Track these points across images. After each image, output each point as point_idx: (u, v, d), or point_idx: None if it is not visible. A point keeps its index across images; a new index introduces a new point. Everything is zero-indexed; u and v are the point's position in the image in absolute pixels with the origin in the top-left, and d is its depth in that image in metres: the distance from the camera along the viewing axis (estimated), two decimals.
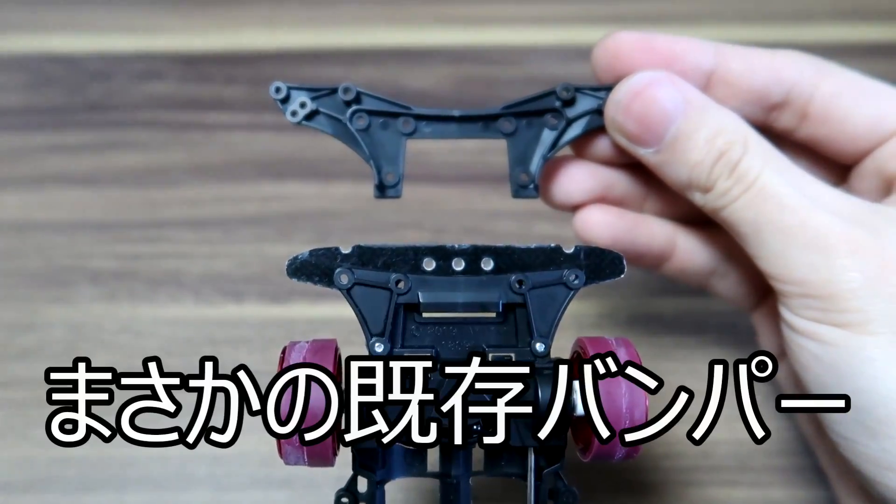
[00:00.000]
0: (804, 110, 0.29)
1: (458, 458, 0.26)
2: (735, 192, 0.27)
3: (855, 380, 0.25)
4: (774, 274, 0.27)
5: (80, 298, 0.40)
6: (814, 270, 0.26)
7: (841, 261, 0.25)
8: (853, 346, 0.25)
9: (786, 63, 0.29)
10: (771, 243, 0.26)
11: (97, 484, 0.35)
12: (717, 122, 0.27)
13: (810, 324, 0.26)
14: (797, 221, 0.26)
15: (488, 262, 0.26)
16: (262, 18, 0.51)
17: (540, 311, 0.25)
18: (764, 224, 0.26)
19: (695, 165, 0.27)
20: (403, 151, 0.30)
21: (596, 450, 0.24)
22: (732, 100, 0.29)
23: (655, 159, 0.28)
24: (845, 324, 0.25)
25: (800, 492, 0.35)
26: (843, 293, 0.25)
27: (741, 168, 0.27)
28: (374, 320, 0.25)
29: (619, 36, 0.29)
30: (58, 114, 0.47)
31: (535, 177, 0.29)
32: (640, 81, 0.28)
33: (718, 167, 0.27)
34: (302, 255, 0.25)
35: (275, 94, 0.29)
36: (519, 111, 0.30)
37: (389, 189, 0.29)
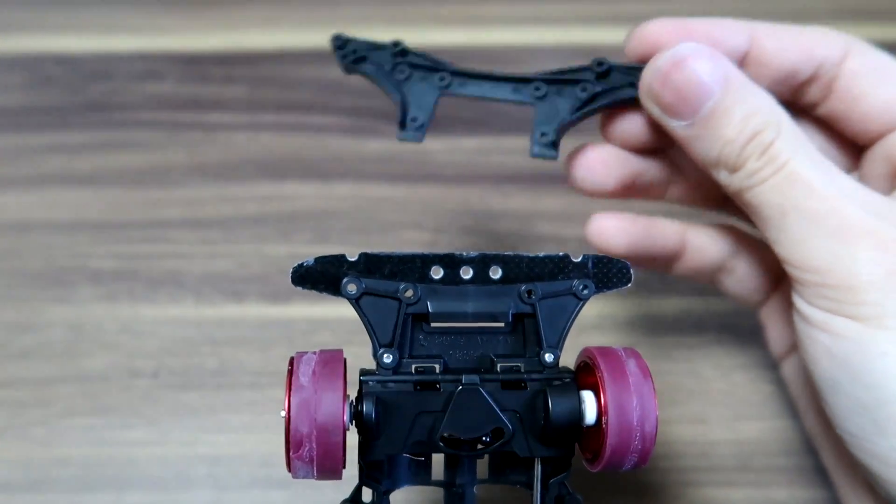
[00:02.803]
0: (829, 86, 0.29)
1: (464, 467, 0.26)
2: (765, 173, 0.27)
3: (867, 375, 0.25)
4: (794, 260, 0.26)
5: (80, 298, 0.40)
6: (836, 259, 0.25)
7: (864, 253, 0.25)
8: (867, 339, 0.25)
9: (816, 40, 0.29)
10: (794, 228, 0.26)
11: (97, 484, 0.35)
12: (755, 102, 0.27)
13: (825, 315, 0.26)
14: (825, 208, 0.26)
15: (496, 270, 0.25)
16: (262, 18, 0.51)
17: (549, 322, 0.25)
18: (790, 208, 0.26)
19: (727, 142, 0.27)
20: (435, 103, 0.31)
21: (606, 461, 0.23)
22: (764, 79, 0.29)
23: (687, 133, 0.28)
24: (861, 317, 0.25)
25: (800, 492, 0.35)
26: (863, 285, 0.25)
27: (773, 150, 0.26)
28: (383, 330, 0.25)
29: (655, 24, 0.29)
30: (58, 114, 0.47)
31: (556, 138, 0.30)
32: (683, 51, 0.28)
33: (751, 147, 0.27)
34: (307, 262, 0.25)
35: (334, 41, 0.32)
36: (551, 78, 0.31)
37: (411, 130, 0.30)
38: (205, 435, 0.36)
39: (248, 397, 0.37)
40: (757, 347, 0.38)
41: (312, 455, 0.22)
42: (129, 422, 0.36)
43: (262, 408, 0.37)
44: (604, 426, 0.23)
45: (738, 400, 0.37)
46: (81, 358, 0.38)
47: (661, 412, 0.36)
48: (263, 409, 0.37)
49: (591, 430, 0.24)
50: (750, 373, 0.38)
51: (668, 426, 0.36)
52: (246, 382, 0.37)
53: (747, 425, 0.36)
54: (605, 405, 0.23)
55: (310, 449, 0.22)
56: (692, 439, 0.36)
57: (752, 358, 0.38)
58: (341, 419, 0.22)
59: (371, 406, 0.23)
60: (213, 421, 0.36)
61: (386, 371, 0.24)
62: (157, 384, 0.37)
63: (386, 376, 0.24)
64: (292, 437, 0.22)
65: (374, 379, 0.24)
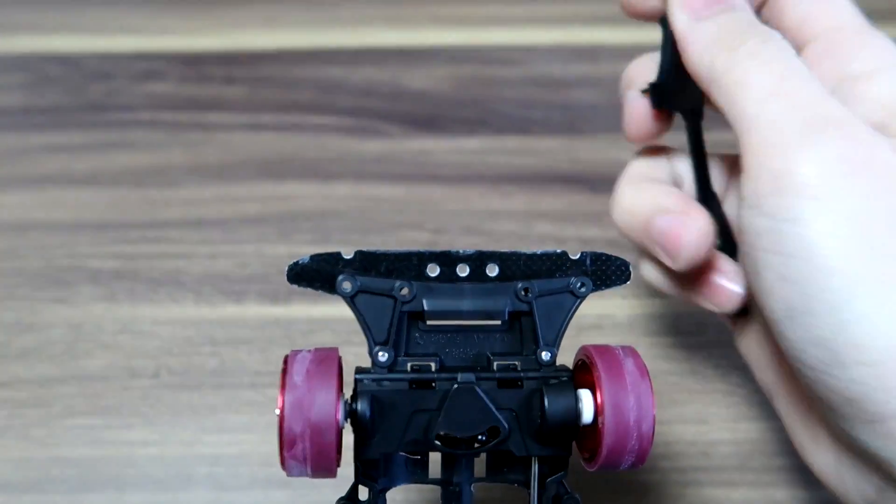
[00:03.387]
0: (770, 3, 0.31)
1: (461, 465, 0.25)
2: (763, 56, 0.27)
3: (823, 294, 0.23)
4: (759, 142, 0.25)
5: (80, 298, 0.40)
6: (801, 142, 0.24)
7: (831, 142, 0.24)
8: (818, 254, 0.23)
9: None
10: (773, 109, 0.25)
11: (97, 484, 0.35)
12: (744, 16, 0.28)
13: (777, 223, 0.24)
14: (808, 100, 0.25)
15: (493, 268, 0.25)
16: (262, 18, 0.51)
17: (546, 320, 0.25)
18: (773, 95, 0.26)
19: (716, 40, 0.27)
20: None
21: (602, 460, 0.23)
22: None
23: (690, 27, 0.28)
24: (813, 217, 0.24)
25: (800, 492, 0.35)
26: (817, 173, 0.24)
27: (772, 45, 0.27)
28: (378, 329, 0.25)
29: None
30: (58, 114, 0.47)
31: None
32: None
33: (750, 35, 0.27)
34: (302, 259, 0.25)
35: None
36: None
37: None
38: (205, 435, 0.36)
39: (248, 397, 0.37)
40: None
41: (306, 454, 0.22)
42: (129, 422, 0.36)
43: (262, 408, 0.37)
44: (600, 426, 0.23)
45: (738, 400, 0.37)
46: (81, 358, 0.38)
47: (662, 412, 0.37)
48: (263, 409, 0.37)
49: (588, 429, 0.24)
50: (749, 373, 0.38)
51: (668, 426, 0.36)
52: (246, 382, 0.37)
53: (747, 425, 0.36)
54: (601, 404, 0.23)
55: (303, 448, 0.22)
56: (692, 439, 0.36)
57: None
58: (334, 418, 0.22)
59: (366, 405, 0.23)
60: (213, 421, 0.36)
61: (381, 369, 0.24)
62: (157, 384, 0.37)
63: (381, 374, 0.24)
64: (285, 435, 0.22)
65: (369, 377, 0.24)
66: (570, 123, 0.47)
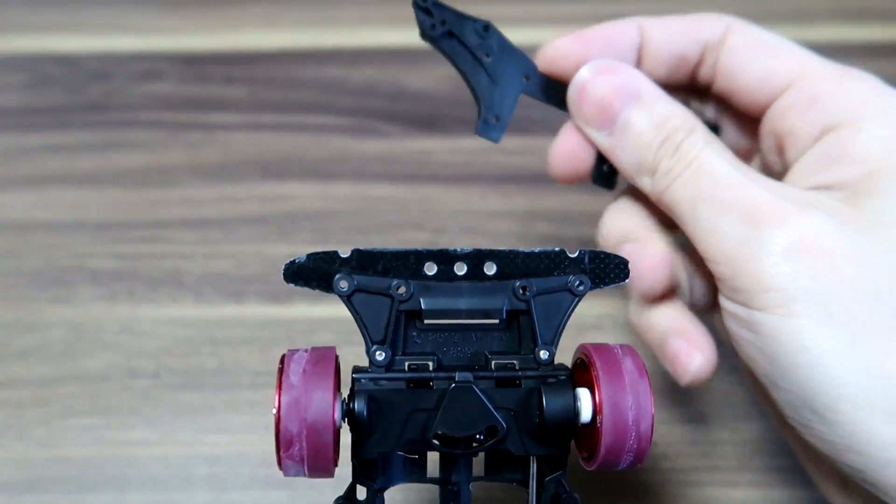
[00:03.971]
0: (714, 65, 0.31)
1: (459, 464, 0.25)
2: (677, 170, 0.28)
3: (794, 371, 0.25)
4: (707, 252, 0.27)
5: (80, 298, 0.40)
6: (741, 245, 0.26)
7: (766, 232, 0.25)
8: (784, 333, 0.25)
9: (699, 23, 0.31)
10: (705, 218, 0.27)
11: (97, 484, 0.35)
12: (667, 109, 0.29)
13: (745, 310, 0.26)
14: (731, 195, 0.26)
15: (491, 266, 0.25)
16: (262, 18, 0.51)
17: (544, 318, 0.25)
18: (700, 200, 0.27)
19: (643, 147, 0.28)
20: (515, 100, 0.30)
21: (601, 459, 0.23)
22: (661, 66, 0.31)
23: (609, 143, 0.29)
24: (771, 306, 0.25)
25: (800, 492, 0.35)
26: (767, 269, 0.25)
27: (683, 147, 0.28)
28: (375, 328, 0.24)
29: (556, 42, 0.31)
30: (58, 114, 0.47)
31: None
32: (598, 67, 0.30)
33: (664, 148, 0.28)
34: (299, 258, 0.24)
35: (418, 2, 0.29)
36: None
37: (493, 129, 0.30)
38: (205, 435, 0.36)
39: (248, 397, 0.37)
40: None
41: (303, 454, 0.22)
42: (129, 422, 0.36)
43: (262, 408, 0.37)
44: (599, 425, 0.23)
45: (738, 400, 0.37)
46: (81, 358, 0.38)
47: (662, 412, 0.37)
48: (263, 409, 0.37)
49: (587, 428, 0.24)
50: None
51: (669, 426, 0.36)
52: (246, 382, 0.37)
53: (747, 425, 0.36)
54: (599, 403, 0.23)
55: (300, 448, 0.22)
56: (692, 439, 0.36)
57: None
58: (331, 418, 0.22)
59: (363, 404, 0.23)
60: (213, 421, 0.36)
61: (378, 369, 0.24)
62: (157, 384, 0.37)
63: (378, 374, 0.24)
64: (282, 436, 0.22)
65: (366, 377, 0.24)
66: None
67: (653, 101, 0.29)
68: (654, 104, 0.29)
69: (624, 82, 0.29)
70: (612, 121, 0.29)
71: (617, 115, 0.29)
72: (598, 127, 0.30)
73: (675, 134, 0.28)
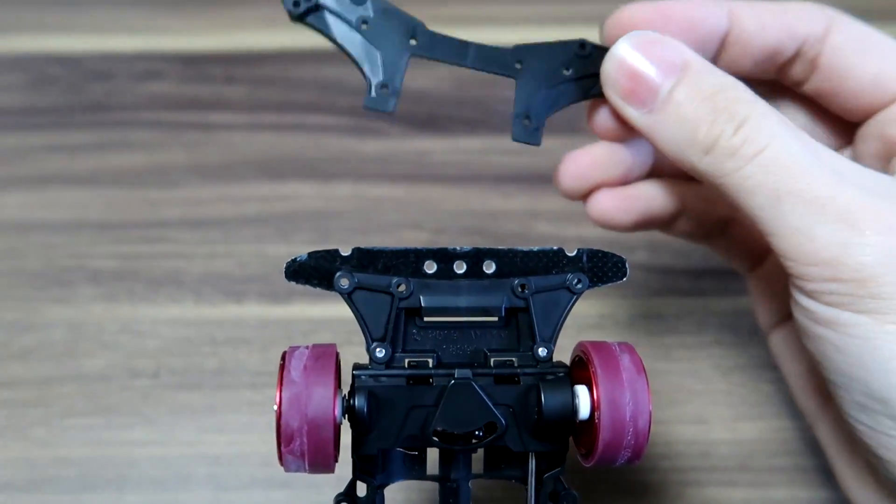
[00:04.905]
0: (814, 62, 0.28)
1: (458, 461, 0.25)
2: (746, 151, 0.25)
3: (884, 375, 0.24)
4: (795, 253, 0.24)
5: (80, 298, 0.40)
6: (844, 250, 0.23)
7: (873, 238, 0.23)
8: (881, 337, 0.23)
9: (797, 16, 0.28)
10: (793, 216, 0.24)
11: (97, 484, 0.35)
12: (718, 79, 0.26)
13: (833, 311, 0.24)
14: (825, 193, 0.24)
15: (490, 264, 0.25)
16: (262, 18, 0.51)
17: (543, 316, 0.25)
18: (785, 193, 0.24)
19: (691, 121, 0.26)
20: (405, 64, 0.28)
21: (599, 455, 0.23)
22: (747, 58, 0.28)
23: (647, 121, 0.27)
24: (873, 311, 0.23)
25: (800, 492, 0.35)
26: (875, 276, 0.23)
27: (751, 126, 0.25)
28: (375, 325, 0.25)
29: (631, 8, 0.28)
30: (58, 114, 0.47)
31: (539, 125, 0.29)
32: (639, 37, 0.27)
33: (721, 121, 0.25)
34: (300, 257, 0.25)
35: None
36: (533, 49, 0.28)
37: (382, 97, 0.28)
38: (205, 435, 0.36)
39: (248, 397, 0.37)
40: (757, 347, 0.38)
41: (303, 449, 0.22)
42: (129, 422, 0.36)
43: (262, 408, 0.37)
44: (596, 421, 0.23)
45: (738, 400, 0.37)
46: (81, 358, 0.38)
47: (662, 412, 0.37)
48: (263, 409, 0.37)
49: (585, 425, 0.24)
50: (749, 373, 0.38)
51: (668, 426, 0.36)
52: (246, 382, 0.37)
53: (747, 425, 0.36)
54: (597, 400, 0.23)
55: (301, 443, 0.22)
56: (692, 439, 0.36)
57: (751, 358, 0.38)
58: (331, 414, 0.22)
59: (363, 400, 0.23)
60: (213, 421, 0.36)
61: (378, 365, 0.24)
62: (157, 384, 0.37)
63: (378, 370, 0.24)
64: (283, 431, 0.22)
65: (367, 373, 0.24)
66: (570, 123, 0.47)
67: (701, 72, 0.26)
68: (703, 74, 0.26)
69: (667, 54, 0.26)
70: (653, 95, 0.26)
71: (658, 89, 0.26)
72: (637, 103, 0.27)
73: (735, 106, 0.25)
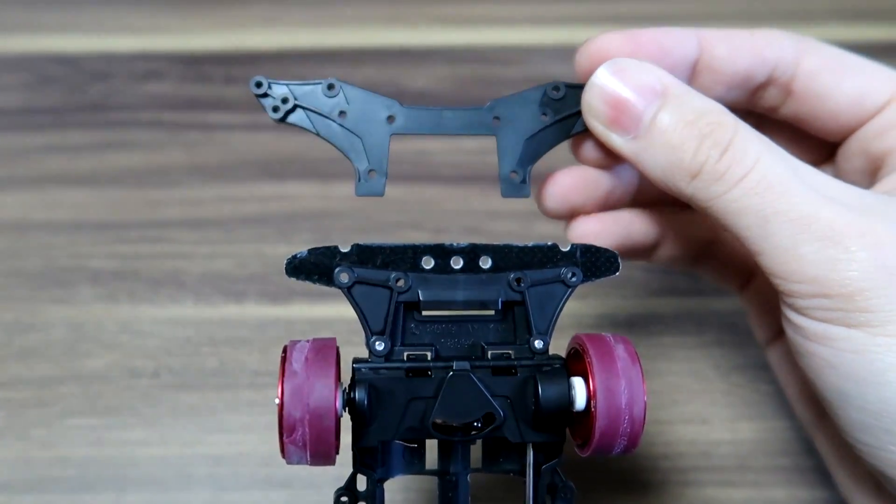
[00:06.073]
0: (788, 87, 0.29)
1: (457, 455, 0.26)
2: (732, 174, 0.25)
3: (877, 388, 0.24)
4: (783, 272, 0.25)
5: (80, 298, 0.40)
6: (831, 265, 0.24)
7: (860, 254, 0.24)
8: (872, 350, 0.24)
9: (767, 42, 0.28)
10: (780, 236, 0.24)
11: (97, 484, 0.35)
12: (701, 103, 0.26)
13: (823, 326, 0.25)
14: (809, 211, 0.24)
15: (486, 260, 0.26)
16: (262, 18, 0.51)
17: (538, 309, 0.26)
18: (771, 214, 0.24)
19: (676, 147, 0.26)
20: (388, 146, 0.28)
21: (595, 443, 0.24)
22: (719, 85, 0.29)
23: (632, 147, 0.27)
24: (863, 324, 0.24)
25: (800, 492, 0.35)
26: (862, 290, 0.23)
27: (736, 149, 0.25)
28: (375, 318, 0.25)
29: (602, 38, 0.28)
30: (58, 114, 0.47)
31: (526, 176, 0.29)
32: (619, 63, 0.27)
33: (706, 147, 0.25)
34: (301, 253, 0.25)
35: (255, 87, 0.27)
36: (507, 103, 0.28)
37: (369, 183, 0.28)
38: (205, 435, 0.36)
39: (248, 397, 0.37)
40: (757, 348, 0.38)
41: (305, 440, 0.23)
42: (129, 422, 0.36)
43: (262, 408, 0.37)
44: (593, 409, 0.24)
45: (738, 400, 0.37)
46: (81, 358, 0.38)
47: (662, 412, 0.37)
48: (263, 409, 0.37)
49: (581, 415, 0.24)
50: (749, 373, 0.38)
51: (669, 426, 0.36)
52: (246, 382, 0.37)
53: (747, 425, 0.36)
54: (593, 389, 0.24)
55: (303, 433, 0.23)
56: (692, 439, 0.36)
57: (751, 358, 0.38)
58: (333, 404, 0.23)
59: (363, 392, 0.24)
60: (213, 421, 0.36)
61: (378, 358, 0.25)
62: (157, 384, 0.37)
63: (378, 363, 0.25)
64: (285, 422, 0.23)
65: (367, 366, 0.25)
66: None
67: (682, 96, 0.26)
68: (685, 99, 0.26)
69: (646, 78, 0.27)
70: (636, 121, 0.26)
71: (641, 115, 0.26)
72: (620, 130, 0.27)
73: (719, 131, 0.25)
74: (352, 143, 0.28)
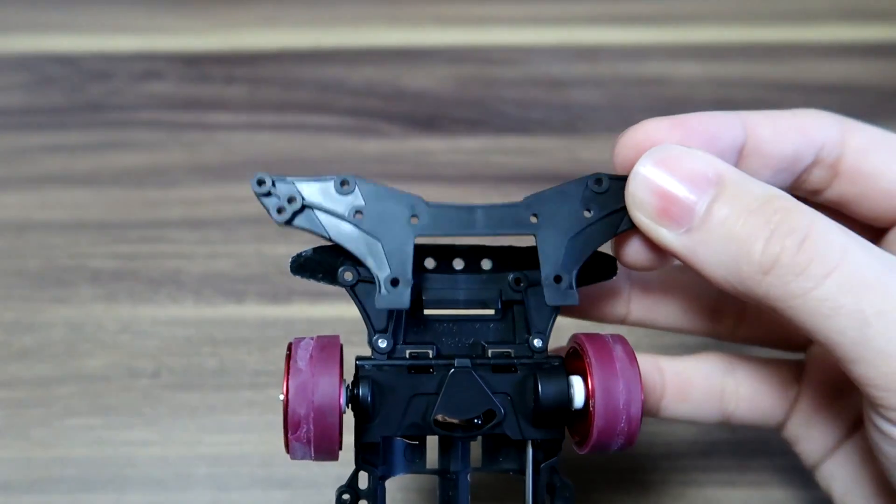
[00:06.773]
0: (834, 168, 0.27)
1: (457, 454, 0.26)
2: (817, 270, 0.22)
3: None
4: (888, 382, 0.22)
5: (80, 298, 0.40)
6: None
7: None
8: None
9: (811, 122, 0.26)
10: (883, 341, 0.21)
11: (97, 484, 0.35)
12: (761, 190, 0.23)
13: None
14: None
15: (487, 261, 0.26)
16: (262, 18, 0.51)
17: (537, 308, 0.26)
18: (872, 315, 0.21)
19: (742, 239, 0.23)
20: (412, 250, 0.25)
21: (593, 441, 0.24)
22: (766, 169, 0.26)
23: (686, 242, 0.24)
24: None
25: (800, 492, 0.35)
26: None
27: (817, 239, 0.22)
28: (378, 317, 0.25)
29: (649, 124, 0.25)
30: (58, 114, 0.47)
31: (572, 281, 0.25)
32: (665, 150, 0.24)
33: (779, 236, 0.22)
34: (305, 252, 0.25)
35: (258, 185, 0.25)
36: (549, 197, 0.26)
37: (393, 293, 0.24)
38: (205, 435, 0.36)
39: (248, 397, 0.37)
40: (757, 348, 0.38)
41: (310, 436, 0.23)
42: (129, 422, 0.36)
43: (262, 408, 0.37)
44: (591, 409, 0.24)
45: None
46: (81, 358, 0.38)
47: None
48: (263, 409, 0.37)
49: (580, 413, 0.24)
50: None
51: (669, 426, 0.36)
52: (246, 382, 0.37)
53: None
54: (592, 388, 0.24)
55: (307, 430, 0.23)
56: (692, 439, 0.36)
57: None
58: (337, 400, 0.23)
59: (367, 389, 0.24)
60: (213, 421, 0.36)
61: (381, 355, 0.25)
62: (157, 384, 0.37)
63: (381, 360, 0.25)
64: (290, 418, 0.23)
65: (370, 363, 0.25)
66: (570, 123, 0.47)
67: (740, 182, 0.23)
68: (743, 186, 0.23)
69: (697, 166, 0.24)
70: (689, 214, 0.23)
71: (694, 207, 0.23)
72: (671, 223, 0.24)
73: (792, 217, 0.22)
74: (370, 248, 0.24)
